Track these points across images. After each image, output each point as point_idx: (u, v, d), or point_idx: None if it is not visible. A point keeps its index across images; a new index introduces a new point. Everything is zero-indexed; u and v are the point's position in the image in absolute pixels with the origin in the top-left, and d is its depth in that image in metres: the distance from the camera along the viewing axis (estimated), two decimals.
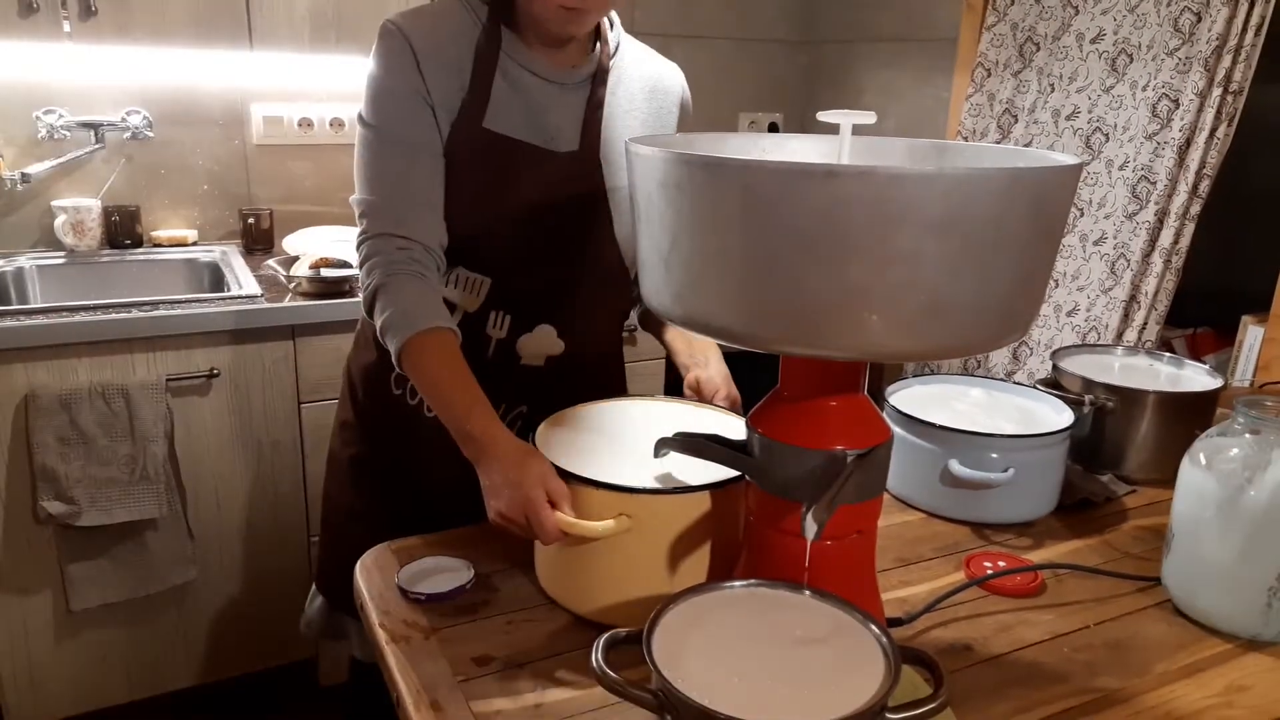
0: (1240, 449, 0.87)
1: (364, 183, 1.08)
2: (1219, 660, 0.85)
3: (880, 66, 2.67)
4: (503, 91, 1.10)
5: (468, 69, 1.09)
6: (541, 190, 1.11)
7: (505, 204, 1.11)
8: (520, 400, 1.20)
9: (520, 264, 1.13)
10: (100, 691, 1.87)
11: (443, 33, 1.09)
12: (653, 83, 1.21)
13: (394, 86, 1.07)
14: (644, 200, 0.68)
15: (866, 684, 0.60)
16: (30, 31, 1.77)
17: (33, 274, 2.03)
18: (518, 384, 1.18)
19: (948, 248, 0.60)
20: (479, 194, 1.10)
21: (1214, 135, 1.82)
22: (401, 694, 0.77)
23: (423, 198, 1.08)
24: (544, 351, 1.17)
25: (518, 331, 1.16)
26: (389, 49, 1.08)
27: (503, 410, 1.19)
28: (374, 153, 1.08)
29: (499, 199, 1.11)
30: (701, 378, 1.20)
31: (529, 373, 1.18)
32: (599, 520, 0.81)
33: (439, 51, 1.08)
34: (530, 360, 1.17)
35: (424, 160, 1.08)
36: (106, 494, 1.72)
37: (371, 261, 1.05)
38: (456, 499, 1.07)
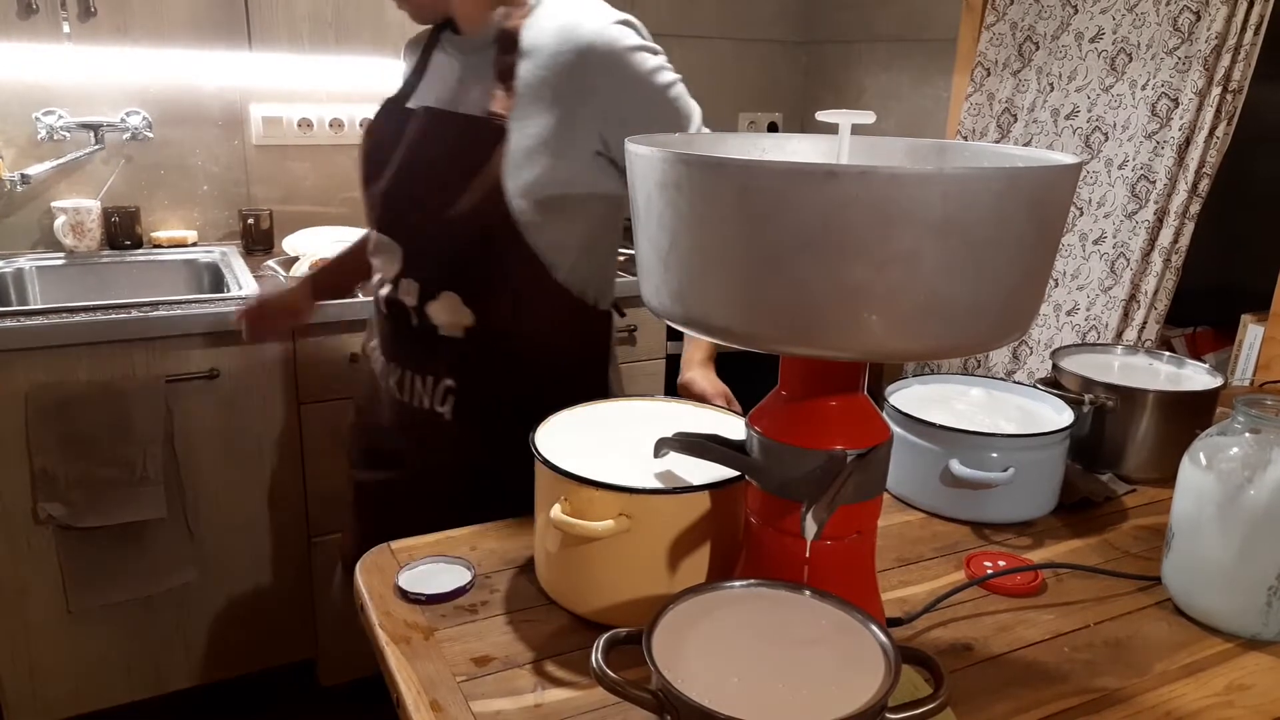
0: (1240, 448, 0.87)
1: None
2: (1219, 659, 0.85)
3: (880, 66, 2.67)
4: (431, 75, 1.25)
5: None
6: (431, 154, 1.16)
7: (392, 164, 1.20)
8: (445, 373, 1.22)
9: (413, 229, 1.18)
10: (100, 691, 1.87)
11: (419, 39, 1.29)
12: (557, 42, 1.12)
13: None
14: (643, 200, 0.68)
15: (866, 684, 0.60)
16: (30, 32, 1.77)
17: (32, 275, 2.03)
18: (441, 356, 1.21)
19: (947, 247, 0.60)
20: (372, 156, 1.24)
21: (1213, 134, 1.82)
22: (401, 694, 0.77)
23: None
24: (457, 321, 1.19)
25: (425, 298, 1.19)
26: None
27: (429, 382, 1.23)
28: None
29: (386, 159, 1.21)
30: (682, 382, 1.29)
31: (451, 345, 1.20)
32: (599, 520, 0.81)
33: (411, 53, 1.30)
34: (449, 331, 1.19)
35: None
36: (106, 495, 1.72)
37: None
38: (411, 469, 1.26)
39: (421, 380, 1.24)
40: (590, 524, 0.81)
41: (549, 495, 0.86)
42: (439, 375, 1.22)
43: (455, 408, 1.22)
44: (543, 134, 1.11)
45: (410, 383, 1.25)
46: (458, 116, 1.15)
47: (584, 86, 1.11)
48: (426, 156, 1.16)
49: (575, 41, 1.11)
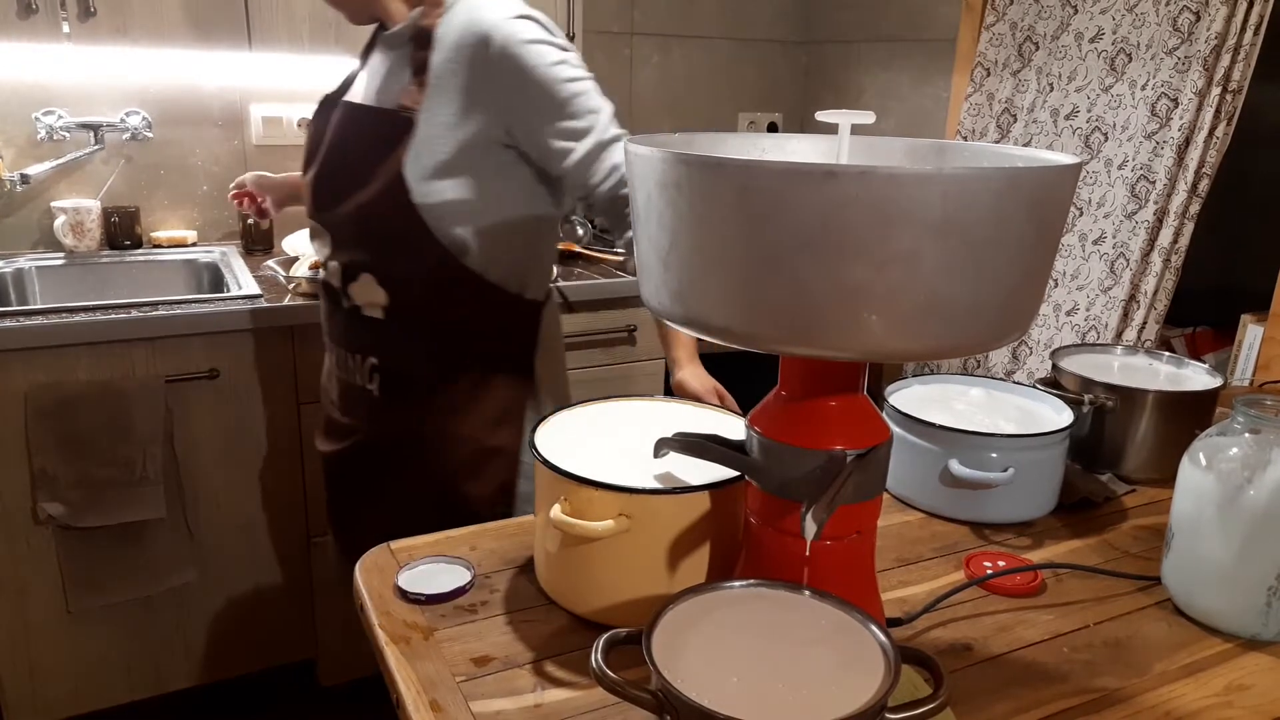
0: (1240, 448, 0.87)
1: None
2: (1219, 660, 0.85)
3: (879, 66, 2.67)
4: (368, 68, 1.32)
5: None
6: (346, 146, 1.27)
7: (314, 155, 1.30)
8: (369, 351, 1.32)
9: (331, 215, 1.27)
10: (100, 691, 1.87)
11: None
12: (461, 37, 1.17)
13: None
14: (643, 200, 0.68)
15: (866, 684, 0.60)
16: (29, 32, 1.77)
17: (32, 275, 2.03)
18: (365, 335, 1.31)
19: (947, 247, 0.60)
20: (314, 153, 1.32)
21: (1213, 134, 1.82)
22: (401, 694, 0.77)
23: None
24: (374, 301, 1.27)
25: (348, 279, 1.29)
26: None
27: (358, 359, 1.33)
28: None
29: (311, 151, 1.32)
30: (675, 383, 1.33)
31: (372, 324, 1.29)
32: (598, 520, 0.82)
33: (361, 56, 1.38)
34: (369, 311, 1.29)
35: None
36: (106, 495, 1.72)
37: None
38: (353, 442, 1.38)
39: (352, 358, 1.34)
40: (590, 524, 0.81)
41: (549, 495, 0.86)
42: (365, 353, 1.32)
43: (381, 384, 1.32)
44: (447, 124, 1.17)
45: (345, 360, 1.36)
46: (371, 110, 1.25)
47: (483, 77, 1.16)
48: (344, 148, 1.27)
49: (476, 33, 1.16)
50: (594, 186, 1.21)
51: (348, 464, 1.41)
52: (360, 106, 1.27)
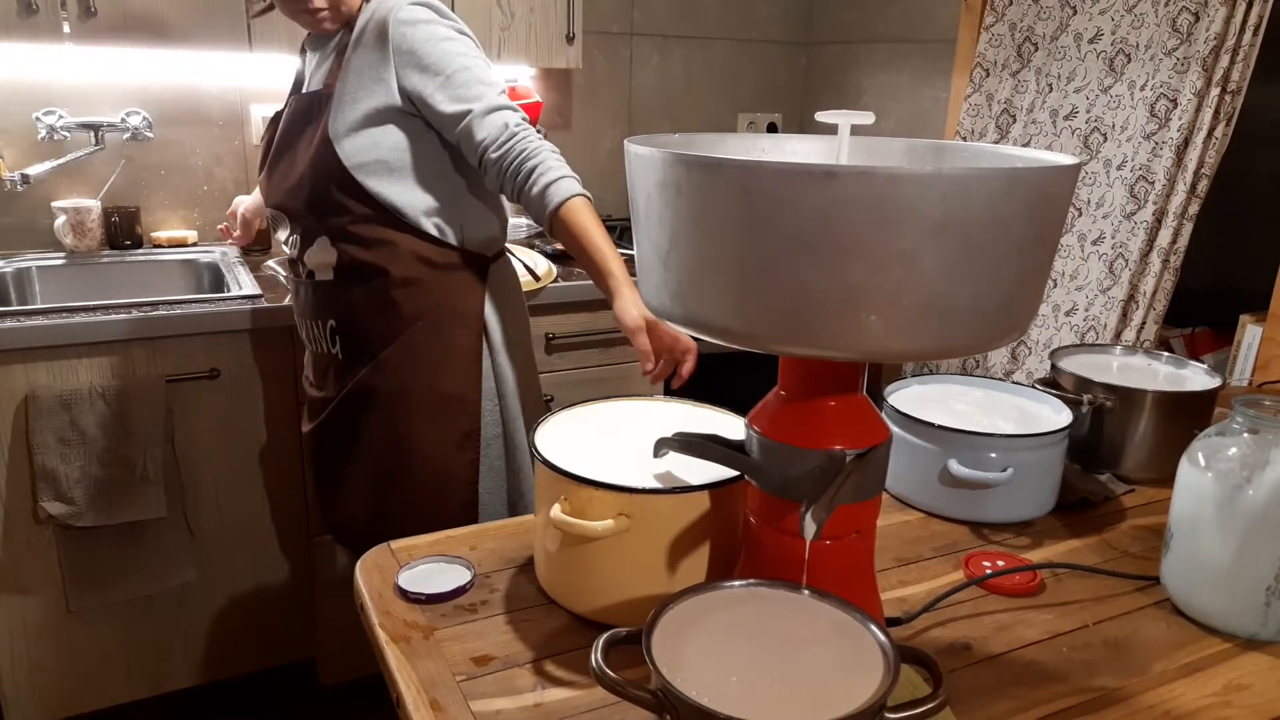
0: (1238, 448, 0.87)
1: None
2: (1217, 659, 0.86)
3: (879, 67, 2.67)
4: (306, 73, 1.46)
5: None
6: (287, 127, 1.43)
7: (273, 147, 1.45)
8: (328, 314, 1.43)
9: (283, 190, 1.41)
10: (100, 691, 1.87)
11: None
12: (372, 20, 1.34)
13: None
14: (643, 200, 0.68)
15: (866, 684, 0.60)
16: (30, 32, 1.77)
17: (33, 274, 2.03)
18: (321, 298, 1.43)
19: (946, 248, 0.60)
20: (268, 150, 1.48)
21: (1212, 135, 1.82)
22: (401, 694, 0.77)
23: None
24: (325, 262, 1.40)
25: (304, 246, 1.42)
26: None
27: (321, 325, 1.45)
28: None
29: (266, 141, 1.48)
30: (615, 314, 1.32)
31: (326, 287, 1.42)
32: (598, 520, 0.82)
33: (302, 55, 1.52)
34: (322, 274, 1.41)
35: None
36: (106, 494, 1.72)
37: None
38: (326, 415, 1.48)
39: (316, 325, 1.46)
40: (590, 523, 0.81)
41: (549, 495, 0.86)
42: (324, 318, 1.44)
43: (341, 345, 1.43)
44: (357, 95, 1.33)
45: (312, 330, 1.47)
46: (305, 95, 1.41)
47: (381, 54, 1.32)
48: (289, 134, 1.42)
49: (378, 19, 1.33)
50: (484, 147, 1.32)
51: (323, 435, 1.50)
52: (300, 95, 1.43)
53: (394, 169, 1.36)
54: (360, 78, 1.34)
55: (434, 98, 1.31)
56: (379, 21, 1.33)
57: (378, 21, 1.33)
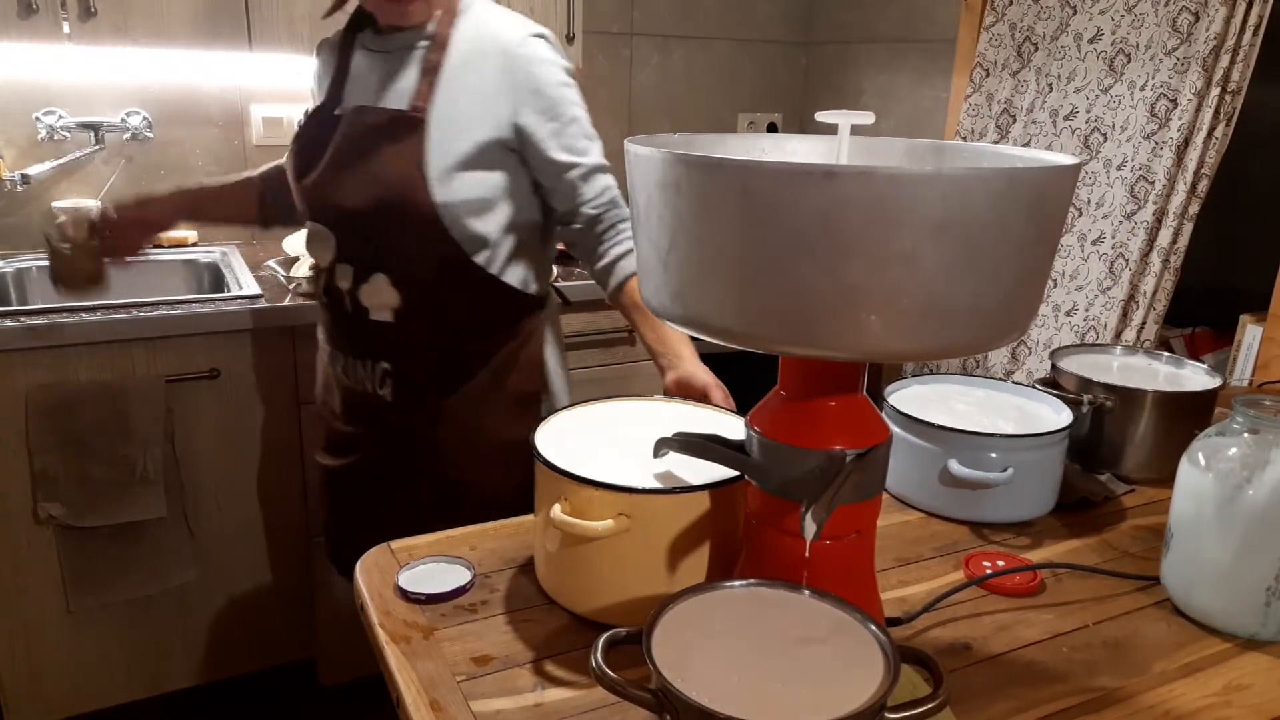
0: (1239, 448, 0.87)
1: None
2: (1218, 659, 0.86)
3: (879, 67, 2.67)
4: (355, 78, 1.32)
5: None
6: (356, 146, 1.27)
7: (318, 157, 1.29)
8: (380, 356, 1.32)
9: (343, 216, 1.28)
10: (100, 691, 1.87)
11: (334, 44, 1.38)
12: (483, 45, 1.26)
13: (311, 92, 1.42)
14: (643, 200, 0.68)
15: (866, 684, 0.60)
16: (30, 32, 1.77)
17: (33, 274, 2.03)
18: (375, 339, 1.31)
19: (946, 248, 0.60)
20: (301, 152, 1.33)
21: (1212, 135, 1.83)
22: (401, 694, 0.77)
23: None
24: (385, 303, 1.28)
25: (358, 281, 1.29)
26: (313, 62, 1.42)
27: (369, 365, 1.33)
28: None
29: (312, 155, 1.30)
30: (682, 377, 1.26)
31: (382, 328, 1.30)
32: (598, 520, 0.82)
33: (326, 63, 1.38)
34: (378, 314, 1.29)
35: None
36: (106, 494, 1.72)
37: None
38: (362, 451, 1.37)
39: (362, 364, 1.33)
40: (590, 524, 0.81)
41: (549, 495, 0.86)
42: (375, 358, 1.32)
43: (394, 389, 1.32)
44: (462, 125, 1.23)
45: (353, 368, 1.35)
46: (383, 110, 1.26)
47: (499, 86, 1.24)
48: (354, 150, 1.27)
49: (497, 46, 1.24)
50: (582, 203, 1.29)
51: (355, 475, 1.39)
52: (370, 109, 1.27)
53: (487, 208, 1.27)
54: (467, 107, 1.24)
55: (546, 142, 1.25)
56: (497, 49, 1.24)
57: (494, 48, 1.24)
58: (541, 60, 1.25)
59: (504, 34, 1.25)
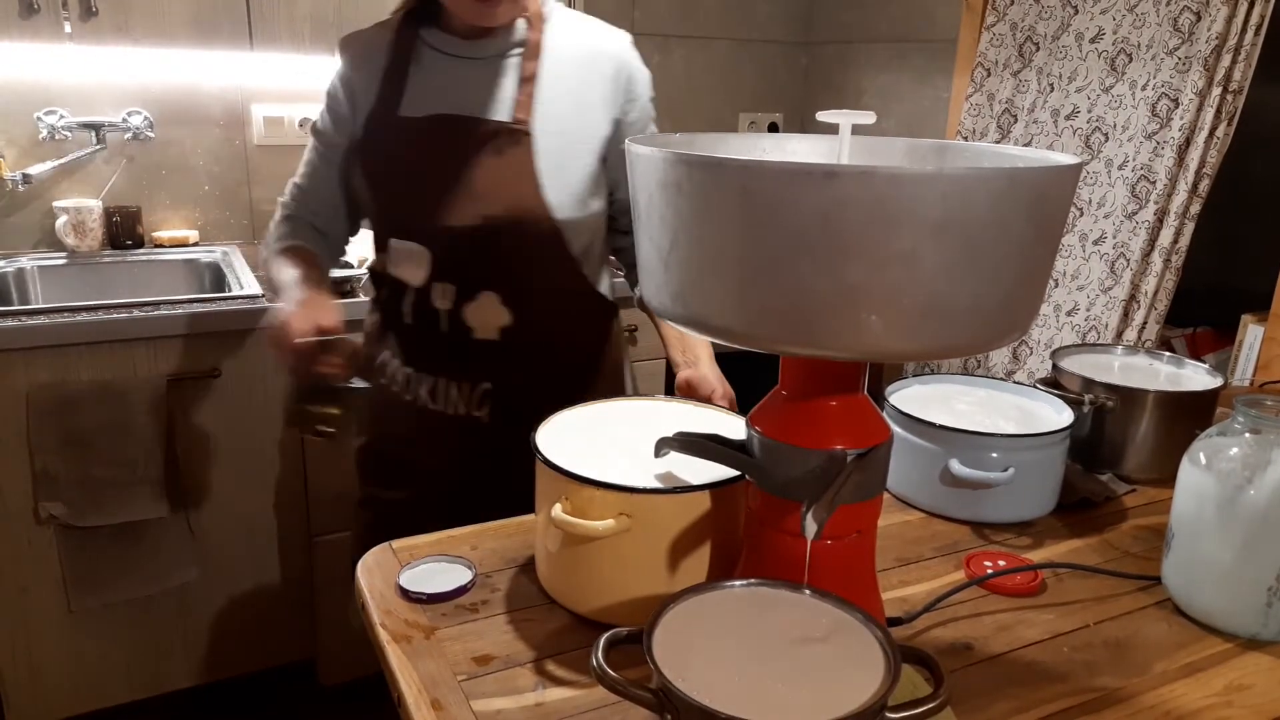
0: (1240, 448, 0.87)
1: (299, 170, 1.33)
2: (1219, 659, 0.86)
3: (880, 67, 2.67)
4: (420, 79, 1.21)
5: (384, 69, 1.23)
6: (460, 159, 1.18)
7: (419, 171, 1.19)
8: (482, 377, 1.23)
9: (448, 232, 1.18)
10: (100, 691, 1.87)
11: (369, 44, 1.23)
12: (585, 52, 1.22)
13: (331, 107, 1.27)
14: (644, 200, 0.68)
15: (866, 683, 0.60)
16: (31, 32, 1.77)
17: (34, 274, 2.03)
18: (476, 359, 1.23)
19: (947, 247, 0.60)
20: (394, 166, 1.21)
21: (1214, 134, 1.82)
22: (402, 693, 0.77)
23: (330, 201, 1.30)
24: (492, 322, 1.21)
25: (461, 300, 1.20)
26: (336, 71, 1.26)
27: (467, 388, 1.24)
28: (308, 158, 1.31)
29: (412, 168, 1.20)
30: (693, 377, 1.23)
31: (486, 347, 1.22)
32: (599, 520, 0.82)
33: (366, 62, 1.23)
34: (484, 333, 1.21)
35: (336, 173, 1.29)
36: (107, 494, 1.72)
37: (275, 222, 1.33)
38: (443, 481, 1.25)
39: (457, 386, 1.24)
40: (590, 523, 0.81)
41: (549, 494, 0.86)
42: (476, 379, 1.23)
43: (493, 410, 1.24)
44: (575, 139, 1.19)
45: (445, 390, 1.24)
46: (484, 122, 1.18)
47: (609, 98, 1.22)
48: (454, 162, 1.17)
49: (601, 55, 1.22)
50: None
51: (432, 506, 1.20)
52: (466, 119, 1.19)
53: (595, 223, 1.23)
54: (572, 119, 1.20)
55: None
56: (604, 57, 1.21)
57: (600, 56, 1.21)
58: (642, 69, 1.25)
59: (608, 41, 1.23)
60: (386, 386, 1.28)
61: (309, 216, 1.31)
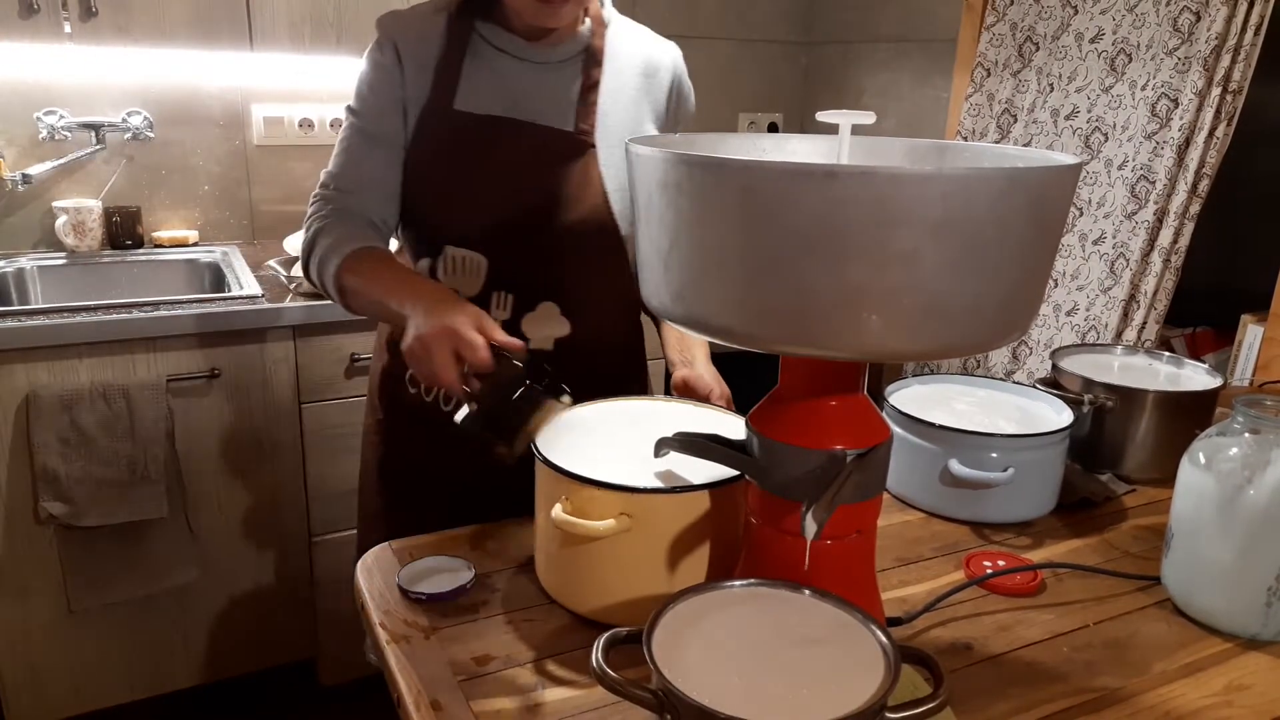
0: (1239, 448, 0.87)
1: (332, 160, 1.18)
2: (1218, 659, 0.86)
3: (880, 67, 2.67)
4: (476, 73, 1.14)
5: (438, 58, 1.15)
6: (522, 165, 1.14)
7: (482, 177, 1.13)
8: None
9: (512, 241, 1.14)
10: (100, 691, 1.87)
11: (421, 29, 1.15)
12: (643, 61, 1.22)
13: (372, 81, 1.15)
14: (644, 200, 0.68)
15: (866, 683, 0.60)
16: (31, 32, 1.77)
17: (34, 274, 2.03)
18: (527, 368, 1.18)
19: (947, 247, 0.60)
20: (453, 170, 1.14)
21: (1213, 135, 1.82)
22: (402, 693, 0.77)
23: (377, 180, 1.15)
24: (551, 333, 1.18)
25: (521, 310, 1.16)
26: (375, 48, 1.15)
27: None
28: (345, 137, 1.17)
29: (474, 173, 1.14)
30: (690, 377, 1.22)
31: (539, 356, 1.17)
32: (599, 520, 0.82)
33: (419, 47, 1.14)
34: (539, 344, 1.18)
35: (380, 152, 1.15)
36: (107, 494, 1.72)
37: (312, 214, 1.15)
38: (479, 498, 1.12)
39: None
40: (591, 523, 0.81)
41: (550, 495, 0.86)
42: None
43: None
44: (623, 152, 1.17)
45: None
46: (550, 130, 1.14)
47: (666, 108, 1.24)
48: (517, 168, 1.13)
49: (661, 68, 1.22)
50: None
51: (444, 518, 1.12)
52: (532, 125, 1.14)
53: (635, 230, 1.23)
54: (636, 129, 1.20)
55: None
56: (668, 70, 1.23)
57: (665, 70, 1.23)
58: (689, 83, 1.28)
59: (664, 53, 1.24)
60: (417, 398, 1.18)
61: (356, 206, 1.15)
